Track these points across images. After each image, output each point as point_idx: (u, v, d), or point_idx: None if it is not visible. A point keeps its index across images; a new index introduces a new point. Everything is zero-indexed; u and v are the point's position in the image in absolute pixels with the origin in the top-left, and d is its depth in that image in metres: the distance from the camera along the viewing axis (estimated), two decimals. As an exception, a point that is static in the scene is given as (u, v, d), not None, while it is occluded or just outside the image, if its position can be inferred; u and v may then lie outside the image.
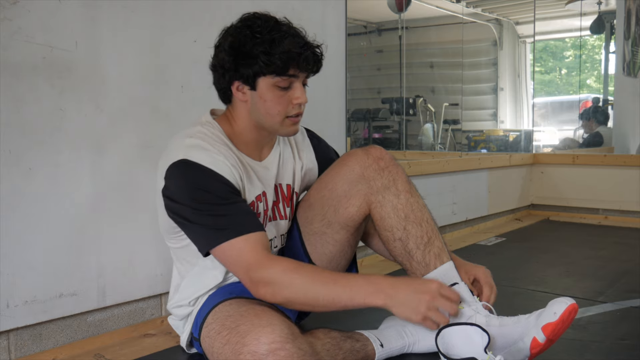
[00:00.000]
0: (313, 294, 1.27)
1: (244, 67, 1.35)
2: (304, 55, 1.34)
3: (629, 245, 3.04)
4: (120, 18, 1.72)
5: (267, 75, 1.35)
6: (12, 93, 1.50)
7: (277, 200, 1.53)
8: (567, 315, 1.30)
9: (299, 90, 1.38)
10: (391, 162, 1.48)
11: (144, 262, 1.81)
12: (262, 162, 1.49)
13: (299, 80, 1.38)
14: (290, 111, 1.39)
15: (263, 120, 1.41)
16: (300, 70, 1.37)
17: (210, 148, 1.36)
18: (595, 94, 7.31)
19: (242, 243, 1.29)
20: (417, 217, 1.44)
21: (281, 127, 1.41)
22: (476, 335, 1.31)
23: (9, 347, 1.54)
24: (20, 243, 1.53)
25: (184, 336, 1.51)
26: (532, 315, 1.36)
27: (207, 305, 1.41)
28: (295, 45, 1.33)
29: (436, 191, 3.18)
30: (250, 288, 1.31)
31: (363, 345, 1.41)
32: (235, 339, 1.22)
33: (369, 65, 6.84)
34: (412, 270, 1.46)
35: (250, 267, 1.28)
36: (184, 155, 1.33)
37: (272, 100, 1.37)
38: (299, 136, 1.63)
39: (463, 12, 6.54)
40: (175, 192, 1.33)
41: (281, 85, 1.36)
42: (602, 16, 6.57)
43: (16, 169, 1.51)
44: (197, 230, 1.33)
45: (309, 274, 1.29)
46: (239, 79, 1.38)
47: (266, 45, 1.32)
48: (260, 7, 1.56)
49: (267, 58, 1.32)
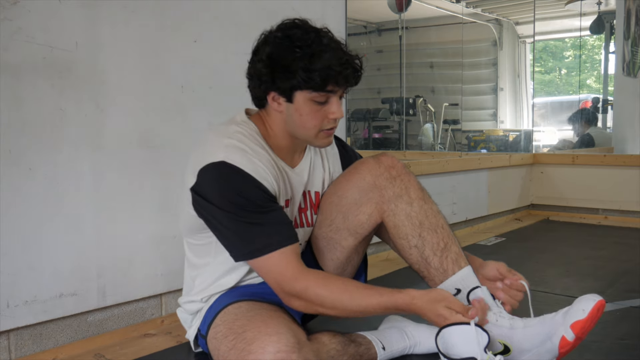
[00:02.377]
0: (342, 308, 1.30)
1: (281, 80, 1.32)
2: (344, 73, 1.32)
3: (629, 245, 3.04)
4: (120, 18, 1.73)
5: (304, 90, 1.32)
6: (12, 93, 1.50)
7: (305, 207, 1.52)
8: (596, 312, 1.28)
9: (335, 105, 1.35)
10: (403, 171, 1.47)
11: (144, 262, 1.81)
12: (295, 169, 1.48)
13: (336, 95, 1.35)
14: (325, 125, 1.37)
15: (297, 132, 1.39)
16: (339, 86, 1.34)
17: (249, 151, 1.33)
18: (595, 94, 7.32)
19: (278, 256, 1.29)
20: (432, 224, 1.43)
21: (315, 139, 1.40)
22: (476, 335, 1.31)
23: (9, 347, 1.54)
24: (20, 243, 1.53)
25: (191, 331, 1.50)
26: (559, 314, 1.33)
27: (217, 305, 1.40)
28: (336, 62, 1.29)
29: (436, 191, 3.16)
30: (282, 298, 1.33)
31: (366, 348, 1.41)
32: (241, 346, 1.21)
33: (369, 65, 6.82)
34: (430, 277, 1.44)
35: (285, 280, 1.30)
36: (224, 157, 1.30)
37: (308, 115, 1.35)
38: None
39: (463, 12, 6.55)
40: (210, 192, 1.31)
41: (318, 100, 1.33)
42: (602, 16, 6.57)
43: (16, 169, 1.51)
44: (230, 236, 1.32)
45: (336, 290, 1.30)
46: (276, 90, 1.34)
47: (306, 60, 1.28)
48: (260, 7, 1.56)
49: (307, 75, 1.28)
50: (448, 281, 1.41)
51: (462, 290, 1.40)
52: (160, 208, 1.84)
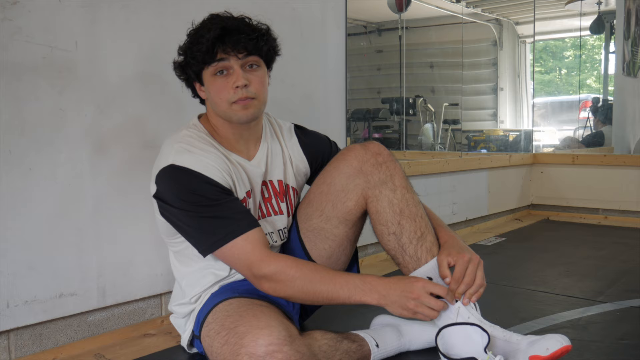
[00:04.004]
0: (312, 292, 1.32)
1: (187, 68, 1.43)
2: (228, 39, 1.36)
3: (629, 245, 3.04)
4: (120, 18, 1.73)
5: (204, 68, 1.40)
6: (12, 93, 1.50)
7: (268, 196, 1.54)
8: (558, 355, 1.29)
9: (235, 74, 1.39)
10: (389, 158, 1.49)
11: (144, 262, 1.81)
12: (251, 161, 1.50)
13: (234, 64, 1.39)
14: (232, 97, 1.40)
15: (217, 110, 1.44)
16: (228, 53, 1.38)
17: (197, 151, 1.39)
18: (595, 94, 7.32)
19: (242, 242, 1.33)
20: (411, 213, 1.45)
21: (232, 112, 1.42)
22: (476, 335, 1.31)
23: (9, 347, 1.54)
24: (20, 243, 1.53)
25: (186, 335, 1.52)
26: (525, 340, 1.34)
27: (208, 303, 1.42)
28: (218, 31, 1.36)
29: (436, 191, 3.19)
30: (253, 283, 1.36)
31: (359, 345, 1.42)
32: (233, 340, 1.23)
33: (369, 65, 6.84)
34: (404, 264, 1.46)
35: (253, 264, 1.33)
36: (173, 160, 1.36)
37: (216, 90, 1.41)
38: (286, 132, 1.62)
39: (463, 12, 6.54)
40: (167, 196, 1.37)
41: (218, 72, 1.39)
42: (602, 16, 6.57)
43: (16, 169, 1.51)
44: (193, 233, 1.37)
45: (308, 272, 1.32)
46: (194, 80, 1.45)
47: (192, 39, 1.39)
48: (260, 7, 1.56)
49: (193, 50, 1.38)
50: (421, 269, 1.44)
51: (432, 278, 1.42)
52: (160, 208, 1.83)
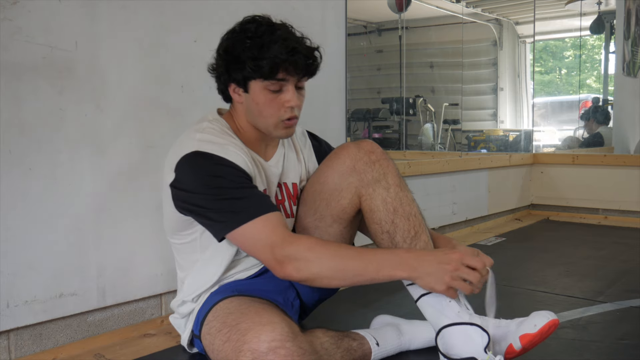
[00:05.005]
0: (340, 269, 1.28)
1: (234, 71, 1.38)
2: (292, 60, 1.35)
3: (629, 245, 3.04)
4: (120, 18, 1.73)
5: (257, 79, 1.37)
6: (12, 93, 1.50)
7: (282, 198, 1.54)
8: (547, 330, 1.31)
9: (290, 93, 1.38)
10: (382, 156, 1.48)
11: (144, 262, 1.81)
12: (269, 162, 1.51)
13: (290, 84, 1.38)
14: (283, 115, 1.40)
15: (257, 122, 1.43)
16: (289, 75, 1.37)
17: (221, 142, 1.38)
18: (595, 94, 7.32)
19: (262, 223, 1.29)
20: (405, 211, 1.44)
21: (275, 129, 1.42)
22: (476, 335, 1.31)
23: (9, 347, 1.54)
24: (20, 243, 1.53)
25: (185, 335, 1.52)
26: (513, 322, 1.36)
27: (208, 302, 1.42)
28: (283, 50, 1.33)
29: (436, 191, 3.19)
30: (274, 267, 1.29)
31: (360, 344, 1.42)
32: (235, 337, 1.22)
33: (369, 65, 6.85)
34: None
35: (275, 245, 1.28)
36: (197, 147, 1.35)
37: (264, 104, 1.39)
38: (300, 138, 1.64)
39: (463, 12, 6.54)
40: (187, 182, 1.34)
41: (272, 89, 1.37)
42: (602, 16, 6.57)
43: (16, 169, 1.51)
44: (212, 215, 1.33)
45: (335, 248, 1.31)
46: (233, 82, 1.41)
47: (254, 50, 1.34)
48: (259, 7, 1.56)
49: (255, 64, 1.34)
50: None
51: None
52: (160, 208, 1.83)
